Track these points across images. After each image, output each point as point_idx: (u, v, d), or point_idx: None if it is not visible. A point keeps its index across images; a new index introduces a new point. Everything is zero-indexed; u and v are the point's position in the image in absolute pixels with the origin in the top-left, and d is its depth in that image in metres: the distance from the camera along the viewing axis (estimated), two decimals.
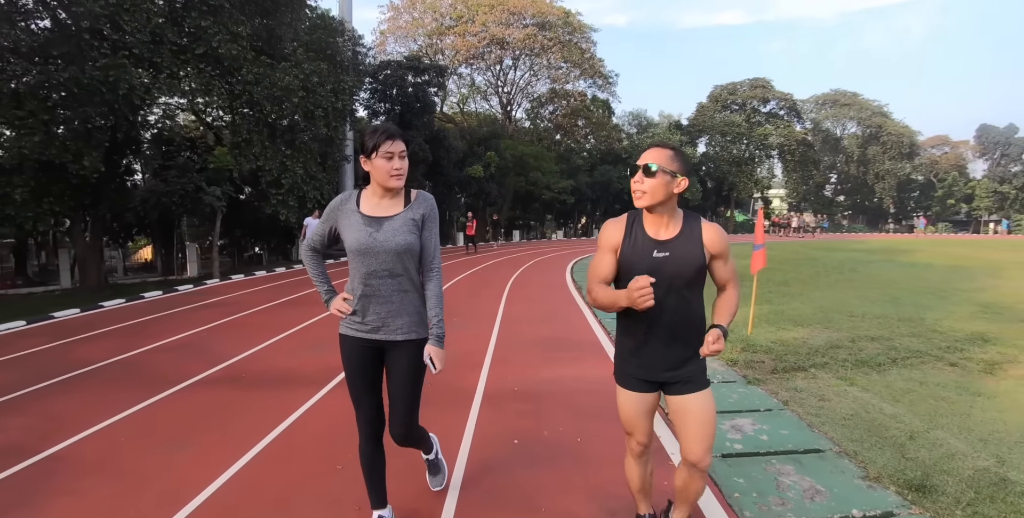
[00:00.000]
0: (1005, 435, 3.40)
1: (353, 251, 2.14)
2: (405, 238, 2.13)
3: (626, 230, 2.02)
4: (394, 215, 2.16)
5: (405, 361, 2.19)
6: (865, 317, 7.15)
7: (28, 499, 2.75)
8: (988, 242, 30.39)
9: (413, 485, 2.82)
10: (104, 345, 6.10)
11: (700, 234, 1.98)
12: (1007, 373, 4.75)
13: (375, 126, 2.12)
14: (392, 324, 2.17)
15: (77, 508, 2.65)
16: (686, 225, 1.99)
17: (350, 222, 2.17)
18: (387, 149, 2.07)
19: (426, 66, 26.38)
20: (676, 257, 1.94)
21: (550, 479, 2.91)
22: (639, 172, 1.94)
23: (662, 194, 1.92)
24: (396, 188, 2.15)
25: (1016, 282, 11.23)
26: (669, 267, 1.93)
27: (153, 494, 2.75)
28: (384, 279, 2.15)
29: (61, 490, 2.83)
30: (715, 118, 47.57)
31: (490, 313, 7.83)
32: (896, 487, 2.73)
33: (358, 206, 2.19)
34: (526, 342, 6.06)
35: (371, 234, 2.12)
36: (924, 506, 2.57)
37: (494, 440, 3.39)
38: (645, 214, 2.01)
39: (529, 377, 4.70)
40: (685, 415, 2.00)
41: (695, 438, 1.97)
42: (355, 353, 2.21)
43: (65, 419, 3.80)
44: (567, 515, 2.56)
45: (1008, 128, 59.67)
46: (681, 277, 1.95)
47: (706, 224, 2.01)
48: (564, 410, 3.90)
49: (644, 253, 1.96)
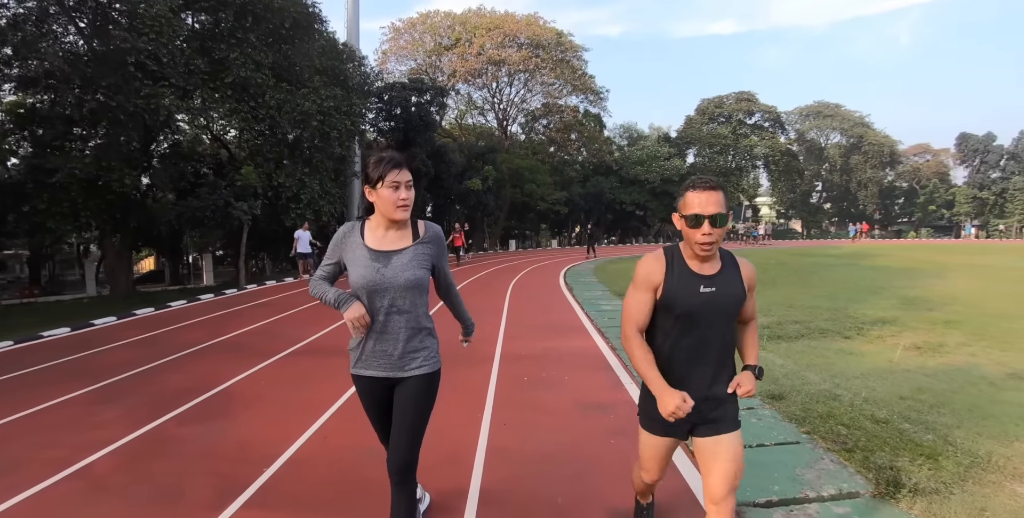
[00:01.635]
0: (850, 374, 5.11)
1: (360, 287, 2.07)
2: (415, 273, 2.08)
3: (667, 266, 1.97)
4: (403, 249, 2.10)
5: (412, 394, 2.14)
6: (800, 308, 8.88)
7: (222, 413, 4.41)
8: (956, 246, 32.30)
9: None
10: (197, 333, 7.76)
11: (739, 269, 1.99)
12: (884, 342, 6.47)
13: (379, 156, 2.07)
14: (402, 360, 2.13)
15: (257, 417, 4.30)
16: (725, 261, 1.99)
17: (355, 256, 2.10)
18: (393, 179, 2.01)
19: (427, 87, 28.21)
20: (722, 292, 1.93)
21: (548, 396, 4.61)
22: (705, 223, 1.85)
23: (722, 237, 1.90)
24: (402, 220, 2.08)
25: (949, 282, 13.00)
26: (716, 302, 1.92)
27: (297, 411, 4.40)
28: (392, 316, 2.09)
29: (240, 408, 4.50)
30: (702, 130, 49.68)
31: (498, 307, 9.55)
32: (760, 398, 4.41)
33: (363, 239, 2.12)
34: (528, 326, 7.77)
35: (379, 270, 2.06)
36: (775, 406, 4.24)
37: (511, 381, 5.07)
38: (685, 251, 1.98)
39: (531, 347, 6.41)
40: (713, 456, 1.95)
41: (721, 480, 1.92)
42: (368, 392, 2.21)
43: (211, 374, 5.46)
44: (559, 409, 4.23)
45: (987, 136, 61.90)
46: (724, 313, 1.94)
47: (740, 259, 2.03)
48: (555, 364, 5.61)
49: (691, 288, 1.92)
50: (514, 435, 3.79)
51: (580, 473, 3.21)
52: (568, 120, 39.75)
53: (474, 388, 4.82)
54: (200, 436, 3.88)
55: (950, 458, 3.28)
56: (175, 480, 3.20)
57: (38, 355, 6.59)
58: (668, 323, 1.97)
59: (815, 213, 62.99)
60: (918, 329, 7.22)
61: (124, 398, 4.79)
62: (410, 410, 2.14)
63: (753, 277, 2.02)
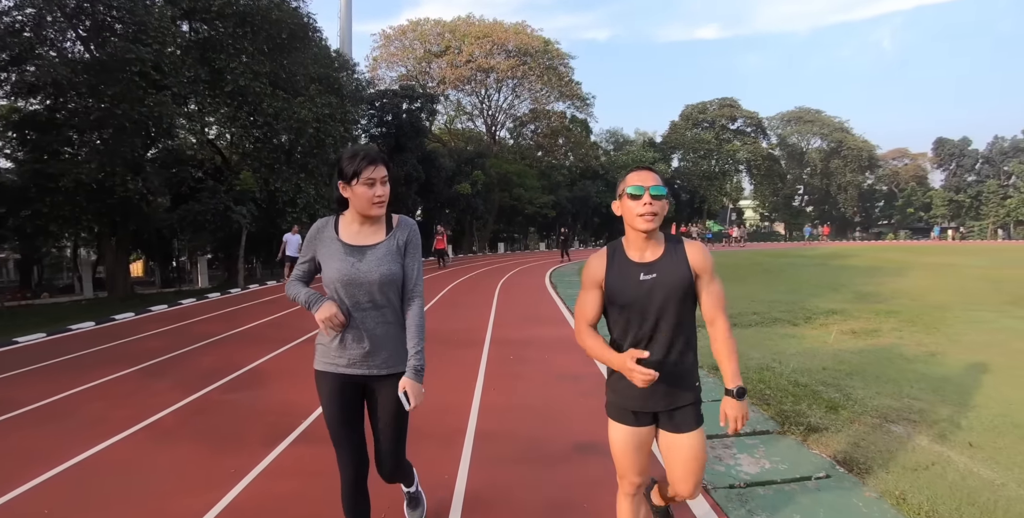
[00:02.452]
0: (788, 353, 6.00)
1: (335, 281, 2.04)
2: (389, 268, 2.05)
3: (608, 260, 1.98)
4: (377, 244, 2.08)
5: (390, 396, 2.08)
6: (761, 301, 9.81)
7: (258, 384, 5.22)
8: (927, 247, 33.59)
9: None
10: (214, 326, 8.53)
11: (684, 253, 1.95)
12: (826, 328, 7.39)
13: (354, 150, 2.04)
14: (375, 358, 2.07)
15: (290, 386, 5.11)
16: (669, 245, 1.97)
17: (330, 251, 2.07)
18: (368, 175, 1.98)
19: (418, 94, 29.05)
20: (664, 277, 1.91)
21: (530, 369, 5.48)
22: (646, 194, 1.88)
23: (663, 215, 1.93)
24: (377, 216, 2.08)
25: (906, 279, 14.02)
26: (659, 289, 1.90)
27: None
28: (368, 311, 2.06)
29: (273, 380, 5.31)
30: (686, 135, 51.00)
31: (487, 303, 10.39)
32: (707, 369, 5.27)
33: (337, 234, 2.10)
34: (514, 317, 8.63)
35: (353, 264, 2.03)
36: (717, 376, 5.11)
37: (499, 359, 5.92)
38: (628, 241, 1.99)
39: (517, 334, 7.27)
40: (676, 453, 1.98)
41: (684, 477, 1.96)
42: (335, 390, 2.10)
43: (238, 357, 6.25)
44: (539, 379, 5.08)
45: (962, 140, 63.74)
46: (673, 298, 1.91)
47: (688, 243, 2.00)
48: (537, 347, 6.47)
49: (631, 278, 1.92)
50: (501, 396, 4.64)
51: (553, 419, 4.07)
52: (555, 126, 40.77)
53: (468, 363, 5.67)
54: (244, 399, 4.70)
55: (847, 408, 4.17)
56: (232, 428, 4.02)
57: (75, 344, 7.34)
58: (616, 314, 1.98)
59: (797, 216, 64.45)
60: (860, 318, 8.16)
61: (169, 375, 5.58)
62: (390, 414, 2.09)
63: (702, 259, 1.94)
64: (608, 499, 2.38)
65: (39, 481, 3.20)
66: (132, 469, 3.36)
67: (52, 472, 3.31)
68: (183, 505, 2.87)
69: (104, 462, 3.49)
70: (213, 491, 3.00)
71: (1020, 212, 56.74)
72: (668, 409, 1.99)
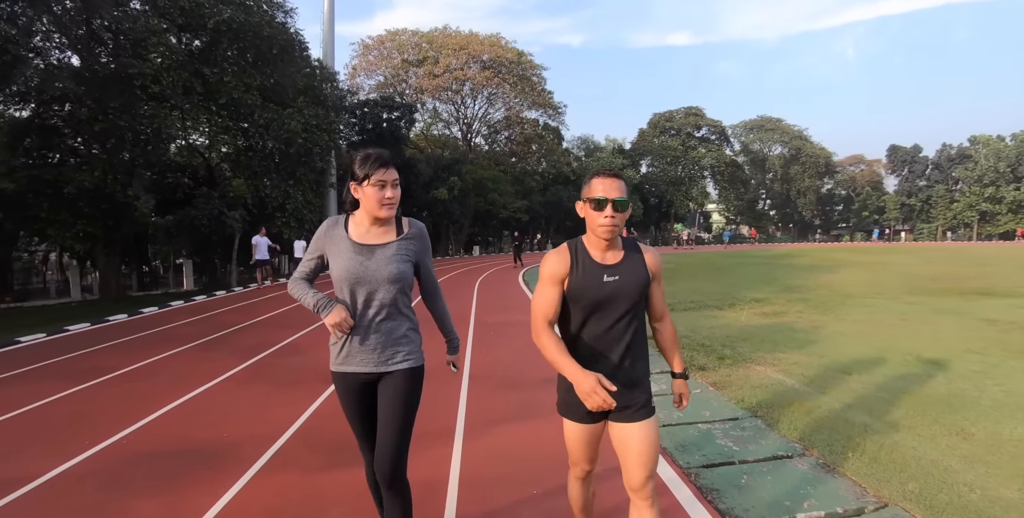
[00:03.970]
0: (704, 327, 7.71)
1: (343, 280, 2.07)
2: (398, 267, 2.09)
3: (571, 259, 2.01)
4: (387, 243, 2.12)
5: (398, 389, 2.12)
6: (701, 293, 11.58)
7: (301, 352, 6.72)
8: (872, 248, 36.17)
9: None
10: (236, 316, 9.94)
11: (642, 257, 2.03)
12: (743, 311, 9.14)
13: (367, 153, 2.08)
14: (384, 355, 2.12)
15: (324, 354, 6.60)
16: (627, 249, 2.03)
17: (339, 249, 2.10)
18: (379, 177, 2.02)
19: (398, 104, 30.50)
20: (625, 280, 1.97)
21: (505, 339, 7.09)
22: (608, 207, 1.90)
23: (623, 223, 1.96)
24: (386, 218, 2.11)
25: (835, 275, 16.00)
26: (621, 290, 1.96)
27: None
28: (375, 309, 2.09)
29: (312, 351, 6.81)
30: (654, 142, 53.27)
31: (470, 295, 12.01)
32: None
33: (347, 232, 2.13)
34: (493, 306, 10.25)
35: (362, 262, 2.07)
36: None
37: (482, 332, 7.52)
38: (588, 242, 2.03)
39: (495, 317, 8.90)
40: (629, 443, 1.99)
41: (637, 466, 1.97)
42: (352, 391, 2.16)
43: (272, 337, 7.72)
44: (512, 344, 6.67)
45: (914, 148, 67.29)
46: (631, 300, 1.97)
47: (644, 247, 2.08)
48: (511, 325, 8.11)
49: (595, 278, 1.97)
50: (486, 355, 6.24)
51: (521, 367, 5.69)
52: (529, 133, 42.56)
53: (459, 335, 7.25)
54: (293, 361, 6.22)
55: (731, 358, 5.87)
56: (291, 377, 5.54)
57: (120, 331, 8.70)
58: (576, 313, 2.01)
59: (760, 219, 67.35)
60: (776, 304, 9.96)
61: (221, 349, 7.05)
62: (396, 406, 2.11)
63: (657, 264, 2.05)
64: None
65: (165, 410, 4.69)
66: (230, 400, 4.88)
67: (168, 407, 4.79)
68: (279, 414, 4.40)
69: (207, 398, 4.99)
70: (295, 405, 4.54)
71: (965, 215, 60.40)
72: (619, 406, 1.98)
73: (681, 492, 2.99)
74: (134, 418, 4.35)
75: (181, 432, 4.09)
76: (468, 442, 3.76)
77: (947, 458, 3.32)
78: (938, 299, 10.44)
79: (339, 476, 3.22)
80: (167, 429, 4.17)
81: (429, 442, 3.64)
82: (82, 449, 3.72)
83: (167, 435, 4.04)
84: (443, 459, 3.45)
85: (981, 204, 58.84)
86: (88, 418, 4.45)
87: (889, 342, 6.63)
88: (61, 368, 6.25)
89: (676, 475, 3.19)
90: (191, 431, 4.09)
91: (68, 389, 5.26)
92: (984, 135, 61.83)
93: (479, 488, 3.07)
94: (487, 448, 3.66)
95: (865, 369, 5.38)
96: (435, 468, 3.30)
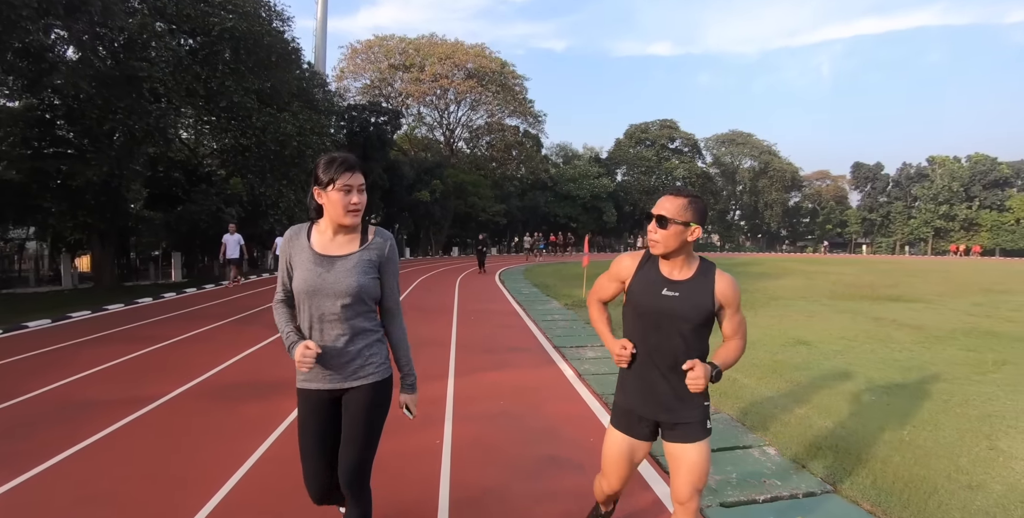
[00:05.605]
0: None
1: (301, 292, 2.00)
2: (358, 280, 1.98)
3: (640, 264, 2.06)
4: (348, 254, 2.02)
5: (362, 405, 2.06)
6: None
7: None
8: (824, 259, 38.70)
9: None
10: (251, 301, 11.44)
11: (713, 282, 1.99)
12: None
13: (331, 157, 2.00)
14: (346, 370, 2.04)
15: None
16: (700, 271, 2.01)
17: (301, 260, 2.02)
18: (345, 182, 1.93)
19: (386, 110, 32.03)
20: (684, 299, 1.96)
21: (484, 322, 8.79)
22: (653, 221, 1.95)
23: (675, 243, 1.95)
24: (351, 225, 2.01)
25: (777, 281, 18.00)
26: (677, 308, 1.95)
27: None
28: (335, 323, 2.00)
29: None
30: (630, 152, 55.58)
31: (451, 291, 13.69)
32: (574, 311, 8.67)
33: (309, 242, 2.04)
34: (472, 298, 11.96)
35: (320, 274, 1.98)
36: (578, 312, 8.52)
37: (465, 317, 9.19)
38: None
39: (475, 307, 10.60)
40: (680, 461, 2.03)
41: (686, 483, 2.01)
42: (312, 407, 2.09)
43: None
44: (489, 323, 8.35)
45: (876, 165, 70.68)
46: (687, 320, 1.96)
47: (720, 273, 2.03)
48: (489, 313, 9.82)
49: (654, 289, 1.99)
50: (470, 331, 7.93)
51: (496, 338, 7.40)
52: (509, 139, 44.39)
53: (446, 318, 8.94)
54: None
55: None
56: None
57: (153, 311, 10.15)
58: (635, 319, 2.05)
59: (730, 229, 70.15)
60: None
61: (252, 325, 8.60)
62: (360, 421, 2.05)
63: (729, 293, 2.01)
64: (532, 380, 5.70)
65: (233, 360, 6.27)
66: (279, 355, 6.47)
67: (234, 359, 6.37)
68: None
69: (260, 354, 6.58)
70: None
71: (921, 231, 63.83)
72: (671, 422, 2.02)
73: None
74: (212, 364, 5.94)
75: (251, 373, 5.70)
76: (458, 379, 5.48)
77: (768, 391, 5.09)
78: (849, 302, 12.38)
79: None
80: (241, 371, 5.78)
81: (432, 380, 5.30)
82: (186, 381, 5.30)
83: (242, 375, 5.64)
84: (441, 389, 5.13)
85: (936, 221, 62.25)
86: (177, 364, 6.02)
87: (783, 330, 8.47)
88: (129, 334, 7.78)
89: None
90: (258, 373, 5.70)
91: (147, 348, 6.81)
92: (941, 155, 65.31)
93: (467, 401, 4.77)
94: (471, 383, 5.36)
95: (748, 346, 7.18)
96: (437, 391, 4.98)
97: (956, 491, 3.18)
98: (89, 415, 4.26)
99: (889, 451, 3.72)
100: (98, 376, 5.52)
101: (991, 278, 21.18)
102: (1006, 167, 60.22)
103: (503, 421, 4.29)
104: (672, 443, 2.05)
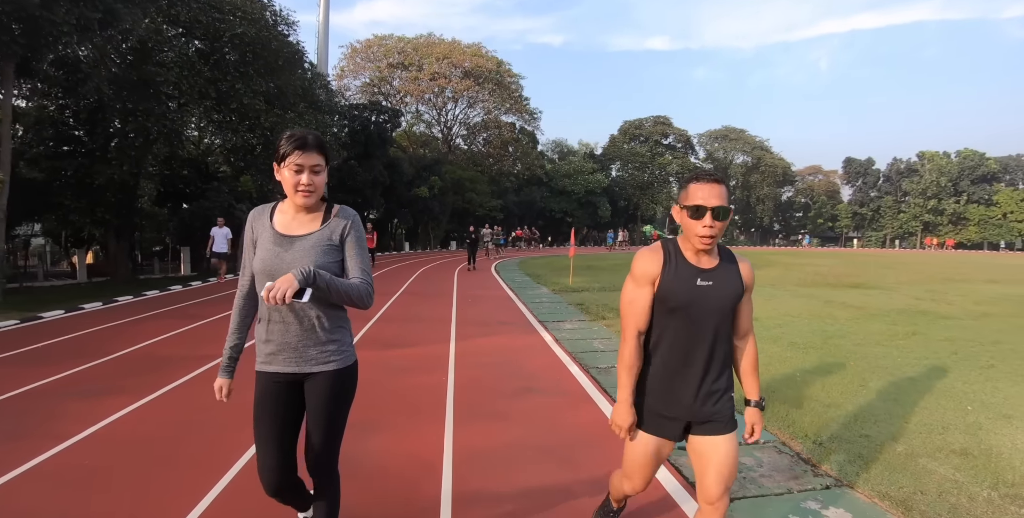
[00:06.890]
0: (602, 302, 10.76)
1: (259, 272, 1.95)
2: (316, 260, 1.90)
3: (665, 258, 1.96)
4: (308, 234, 1.95)
5: (325, 393, 2.02)
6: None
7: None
8: (809, 252, 40.04)
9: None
10: None
11: (737, 266, 1.98)
12: None
13: (290, 133, 1.92)
14: (306, 354, 1.99)
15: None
16: (723, 256, 1.99)
17: (262, 240, 1.98)
18: (296, 160, 1.85)
19: (386, 109, 33.19)
20: (719, 286, 1.93)
21: (479, 304, 10.05)
22: (707, 215, 1.84)
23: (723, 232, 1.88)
24: (303, 205, 1.95)
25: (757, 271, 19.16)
26: (712, 296, 1.92)
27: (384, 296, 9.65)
28: (296, 306, 1.92)
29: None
30: (624, 148, 56.75)
31: (451, 279, 14.96)
32: (563, 294, 9.90)
33: (271, 221, 2.00)
34: (470, 286, 13.25)
35: (278, 254, 1.92)
36: (566, 298, 9.76)
37: (463, 301, 10.46)
38: (683, 245, 1.97)
39: (472, 293, 11.88)
40: (709, 456, 1.97)
41: (716, 481, 1.95)
42: (269, 391, 2.04)
43: None
44: (486, 305, 9.61)
45: (867, 161, 71.87)
46: (722, 308, 1.94)
47: (740, 257, 2.03)
48: (484, 298, 11.07)
49: (688, 282, 1.92)
50: (467, 311, 9.19)
51: (492, 314, 8.67)
52: (505, 136, 45.58)
53: (445, 304, 10.19)
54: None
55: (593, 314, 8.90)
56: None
57: (186, 296, 11.38)
58: (663, 315, 1.97)
59: None
60: None
61: None
62: (323, 409, 2.03)
63: (751, 276, 2.01)
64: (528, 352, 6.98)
65: None
66: None
67: None
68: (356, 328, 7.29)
69: None
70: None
71: (910, 225, 65.14)
72: (703, 419, 1.98)
73: None
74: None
75: None
76: (458, 343, 6.77)
77: None
78: (812, 289, 13.64)
79: (404, 353, 6.13)
80: None
81: (437, 343, 6.56)
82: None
83: None
84: (445, 349, 6.39)
85: (924, 215, 63.49)
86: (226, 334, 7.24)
87: None
88: (179, 312, 9.05)
89: None
90: None
91: (198, 322, 8.07)
92: (931, 151, 66.37)
93: (465, 356, 6.05)
94: (468, 345, 6.64)
95: None
96: (441, 351, 6.25)
97: (818, 410, 4.45)
98: (172, 366, 5.51)
99: (783, 388, 5.00)
100: (168, 341, 6.78)
101: (960, 270, 22.44)
102: (994, 162, 61.45)
103: (493, 368, 5.56)
104: (701, 437, 1.99)
